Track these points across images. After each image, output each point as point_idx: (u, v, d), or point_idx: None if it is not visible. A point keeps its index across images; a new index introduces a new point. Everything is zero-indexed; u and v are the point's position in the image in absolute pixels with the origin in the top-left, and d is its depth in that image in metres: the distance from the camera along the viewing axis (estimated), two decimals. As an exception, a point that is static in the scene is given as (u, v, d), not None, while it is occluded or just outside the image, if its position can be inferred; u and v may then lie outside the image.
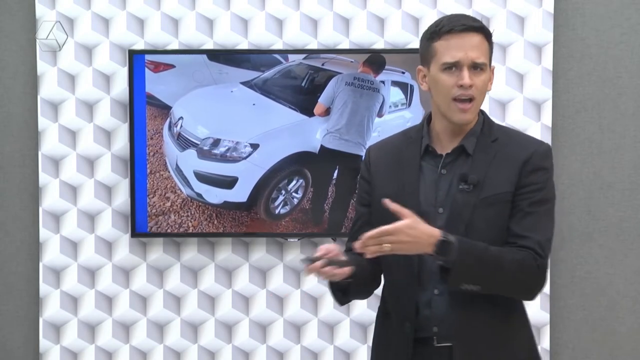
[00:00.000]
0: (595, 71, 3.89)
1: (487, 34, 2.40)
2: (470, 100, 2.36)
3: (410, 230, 2.24)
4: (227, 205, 3.85)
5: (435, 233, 2.27)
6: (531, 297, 2.42)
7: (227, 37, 3.89)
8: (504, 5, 3.87)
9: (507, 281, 2.34)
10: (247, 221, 3.87)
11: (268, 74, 3.82)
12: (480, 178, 2.36)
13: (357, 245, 2.26)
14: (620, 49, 3.89)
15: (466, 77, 2.34)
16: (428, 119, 2.48)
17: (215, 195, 3.85)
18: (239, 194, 3.84)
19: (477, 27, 2.37)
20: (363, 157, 2.59)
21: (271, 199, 3.85)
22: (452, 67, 2.35)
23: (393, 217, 2.30)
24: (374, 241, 2.25)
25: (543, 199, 2.39)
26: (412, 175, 2.42)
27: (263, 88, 3.82)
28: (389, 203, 2.27)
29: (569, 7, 3.88)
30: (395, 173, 2.45)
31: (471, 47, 2.35)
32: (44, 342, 3.95)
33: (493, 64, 2.45)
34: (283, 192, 3.84)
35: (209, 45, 3.89)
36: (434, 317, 2.38)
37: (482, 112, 2.46)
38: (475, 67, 2.36)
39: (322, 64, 3.82)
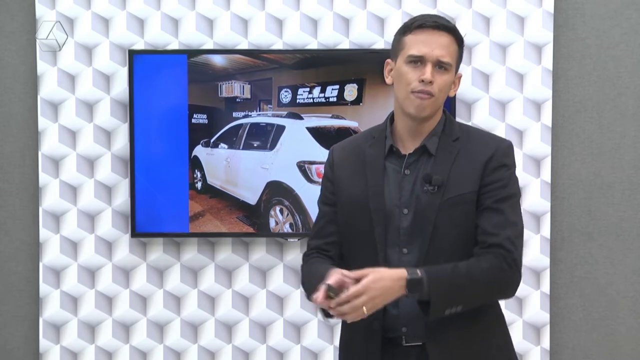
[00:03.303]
0: (595, 71, 3.90)
1: (458, 38, 2.41)
2: (429, 95, 2.36)
3: (378, 284, 2.24)
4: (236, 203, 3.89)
5: (401, 274, 2.26)
6: (510, 295, 2.44)
7: (227, 37, 3.89)
8: (504, 5, 3.87)
9: (484, 292, 2.37)
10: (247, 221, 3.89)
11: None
12: (444, 179, 2.37)
13: (332, 311, 2.25)
14: (620, 49, 3.89)
15: (428, 72, 2.34)
16: (391, 119, 2.49)
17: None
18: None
19: (449, 28, 2.39)
20: (327, 157, 2.58)
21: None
22: (417, 61, 2.37)
23: (359, 218, 2.37)
24: (349, 306, 2.23)
25: (508, 195, 2.40)
26: (377, 176, 2.43)
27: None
28: (347, 276, 2.25)
29: (569, 7, 3.89)
30: (359, 174, 2.45)
31: (439, 45, 2.37)
32: (44, 342, 3.95)
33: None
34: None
35: (209, 45, 3.89)
36: (402, 317, 2.39)
37: (444, 112, 2.47)
38: (440, 66, 2.37)
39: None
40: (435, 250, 2.36)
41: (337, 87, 3.86)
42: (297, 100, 3.87)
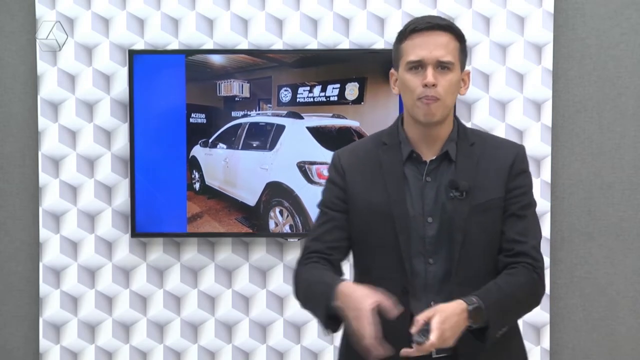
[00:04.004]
0: (595, 71, 3.90)
1: (456, 34, 2.35)
2: (435, 99, 2.30)
3: (446, 324, 2.18)
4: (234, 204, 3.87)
5: (462, 307, 2.22)
6: (538, 305, 2.44)
7: (227, 37, 3.89)
8: (504, 5, 3.87)
9: (524, 306, 2.37)
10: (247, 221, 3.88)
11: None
12: (470, 184, 2.33)
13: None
14: (620, 49, 3.89)
15: (429, 75, 2.29)
16: (401, 123, 2.43)
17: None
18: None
19: (444, 26, 2.33)
20: (331, 163, 2.48)
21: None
22: (418, 66, 2.31)
23: (380, 226, 2.30)
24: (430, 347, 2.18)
25: (530, 202, 2.40)
26: (397, 183, 2.36)
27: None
28: (406, 352, 2.18)
29: (569, 7, 3.89)
30: (376, 181, 2.38)
31: (436, 45, 2.30)
32: (44, 342, 3.95)
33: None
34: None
35: (209, 45, 3.89)
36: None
37: (456, 118, 2.42)
38: (442, 66, 2.31)
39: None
40: (465, 259, 2.33)
41: (338, 86, 3.85)
42: (297, 100, 3.85)
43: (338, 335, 3.99)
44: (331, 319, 2.31)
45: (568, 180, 3.92)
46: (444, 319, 2.17)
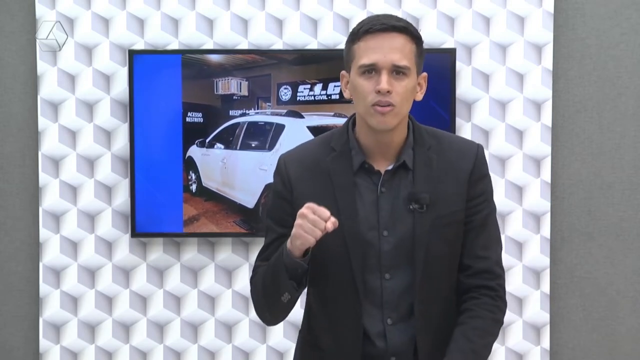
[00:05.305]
0: (595, 71, 3.89)
1: (413, 36, 2.19)
2: (390, 106, 2.15)
3: None
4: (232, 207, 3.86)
5: None
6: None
7: (227, 37, 3.89)
8: (504, 5, 3.87)
9: (490, 349, 2.25)
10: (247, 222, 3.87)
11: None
12: (431, 196, 2.19)
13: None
14: (620, 49, 3.89)
15: (384, 81, 2.13)
16: (352, 126, 2.28)
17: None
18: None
19: (400, 27, 2.17)
20: (276, 170, 2.32)
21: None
22: (371, 70, 2.16)
23: (331, 242, 2.16)
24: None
25: (491, 210, 2.29)
26: (348, 195, 2.21)
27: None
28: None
29: (569, 7, 3.88)
30: (325, 192, 2.22)
31: (391, 48, 2.14)
32: (44, 342, 3.95)
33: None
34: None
35: (209, 45, 3.89)
36: (391, 349, 2.24)
37: (410, 118, 2.27)
38: (397, 71, 2.15)
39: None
40: (427, 274, 2.21)
41: (339, 83, 3.79)
42: (298, 98, 3.82)
43: (338, 335, 3.99)
44: (292, 278, 2.20)
45: (568, 180, 3.91)
46: None
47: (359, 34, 2.19)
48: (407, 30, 2.18)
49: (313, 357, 2.35)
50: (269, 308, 2.35)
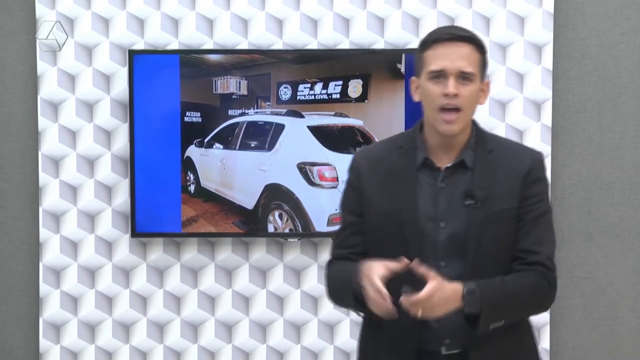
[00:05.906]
0: (595, 71, 3.89)
1: (478, 46, 2.38)
2: (456, 110, 2.34)
3: (440, 293, 2.24)
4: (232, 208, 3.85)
5: (458, 288, 2.27)
6: (545, 311, 2.50)
7: (227, 37, 3.89)
8: (504, 5, 3.87)
9: (526, 308, 2.41)
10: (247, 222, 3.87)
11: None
12: (486, 193, 2.36)
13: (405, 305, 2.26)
14: (620, 49, 3.89)
15: (451, 85, 2.31)
16: (420, 128, 2.46)
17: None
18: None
19: (466, 37, 2.36)
20: (350, 164, 2.52)
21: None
22: (440, 76, 2.34)
23: (392, 230, 2.35)
24: (414, 309, 2.24)
25: (545, 210, 2.41)
26: (409, 187, 2.40)
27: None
28: (416, 267, 2.25)
29: (569, 7, 3.89)
30: (389, 186, 2.41)
31: (458, 56, 2.33)
32: (44, 342, 3.96)
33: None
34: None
35: (209, 45, 3.89)
36: (444, 330, 2.38)
37: (474, 123, 2.44)
38: (463, 77, 2.33)
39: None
40: (477, 266, 2.35)
41: (340, 83, 3.78)
42: (298, 97, 3.81)
43: (338, 335, 4.00)
44: (359, 302, 2.36)
45: (568, 180, 3.92)
46: (437, 289, 2.23)
47: (428, 43, 2.37)
48: (473, 40, 2.37)
49: (375, 336, 2.47)
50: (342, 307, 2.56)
